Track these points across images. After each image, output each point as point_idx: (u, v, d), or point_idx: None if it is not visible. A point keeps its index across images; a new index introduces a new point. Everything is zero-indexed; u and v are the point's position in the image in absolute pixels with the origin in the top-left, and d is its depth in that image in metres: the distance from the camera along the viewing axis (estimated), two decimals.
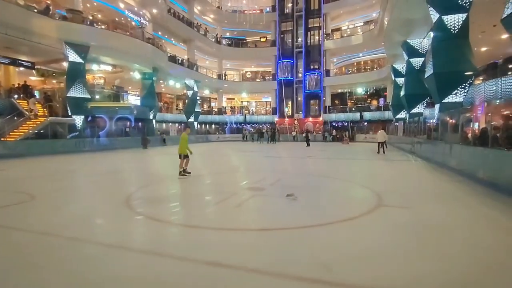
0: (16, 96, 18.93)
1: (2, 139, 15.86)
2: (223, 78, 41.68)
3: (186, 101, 35.38)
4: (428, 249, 3.48)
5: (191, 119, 34.50)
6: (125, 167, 12.86)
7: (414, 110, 20.77)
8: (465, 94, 11.96)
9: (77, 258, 3.34)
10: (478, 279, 2.84)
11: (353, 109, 39.96)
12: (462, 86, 11.88)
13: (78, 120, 20.49)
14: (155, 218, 4.87)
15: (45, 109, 19.19)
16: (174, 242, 3.96)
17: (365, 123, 37.10)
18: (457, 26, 11.81)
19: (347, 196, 6.90)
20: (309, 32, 39.18)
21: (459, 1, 11.66)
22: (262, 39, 43.35)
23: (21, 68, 20.25)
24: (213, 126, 42.76)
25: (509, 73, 21.05)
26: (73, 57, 19.24)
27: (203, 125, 40.48)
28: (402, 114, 25.68)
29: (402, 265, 3.10)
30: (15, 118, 17.23)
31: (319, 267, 3.02)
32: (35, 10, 17.68)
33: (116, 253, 3.50)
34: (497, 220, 4.74)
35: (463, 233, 4.10)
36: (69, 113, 19.99)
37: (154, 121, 28.00)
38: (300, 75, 39.64)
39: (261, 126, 40.51)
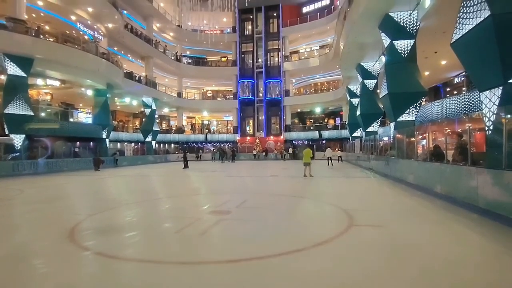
0: None
1: None
2: (183, 96, 40.87)
3: (144, 119, 33.78)
4: (414, 273, 3.30)
5: (149, 138, 32.88)
6: (72, 192, 11.48)
7: (370, 129, 21.89)
8: (416, 113, 12.83)
9: None
10: None
11: (312, 128, 41.39)
12: (414, 106, 12.76)
13: (18, 139, 18.30)
14: (105, 253, 4.13)
15: None
16: (130, 285, 3.31)
17: (324, 141, 38.52)
18: (406, 51, 12.84)
19: (318, 216, 6.67)
20: (269, 54, 40.43)
21: (407, 29, 12.74)
22: (223, 59, 43.67)
23: None
24: (172, 145, 41.15)
25: (448, 95, 23.38)
26: (13, 70, 17.34)
27: (161, 144, 38.75)
28: (358, 133, 26.98)
29: None
30: None
31: None
32: None
33: None
34: (466, 235, 4.81)
35: (439, 252, 3.99)
36: (6, 132, 17.78)
37: (107, 140, 26.07)
38: (261, 94, 40.32)
39: (222, 145, 39.95)
